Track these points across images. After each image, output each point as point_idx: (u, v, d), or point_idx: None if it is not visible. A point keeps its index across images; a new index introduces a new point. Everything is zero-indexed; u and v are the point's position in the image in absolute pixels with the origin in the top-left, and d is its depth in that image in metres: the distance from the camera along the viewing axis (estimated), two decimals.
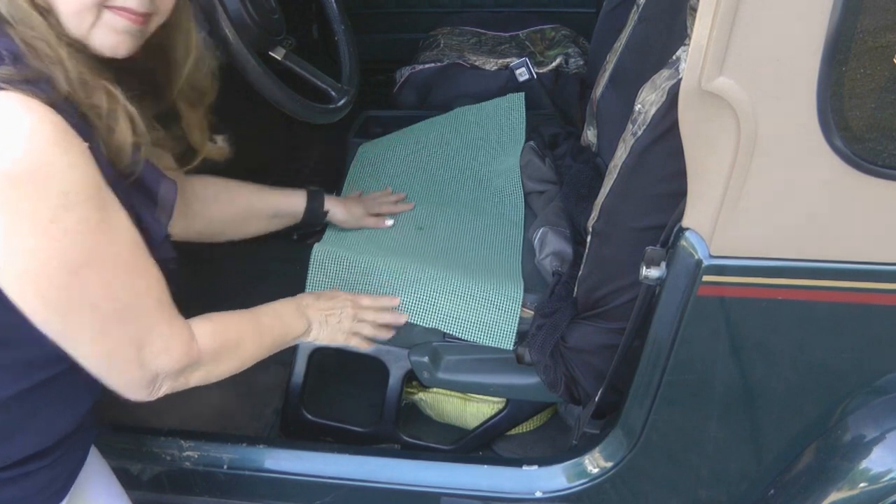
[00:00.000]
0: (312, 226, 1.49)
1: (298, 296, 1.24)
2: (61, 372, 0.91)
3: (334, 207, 1.51)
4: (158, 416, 1.52)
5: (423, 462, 1.35)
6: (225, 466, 1.34)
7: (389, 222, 1.58)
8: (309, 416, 1.50)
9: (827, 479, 1.12)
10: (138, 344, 0.88)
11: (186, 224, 1.27)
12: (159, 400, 1.09)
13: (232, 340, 1.04)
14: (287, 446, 1.38)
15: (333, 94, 1.54)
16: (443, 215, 1.63)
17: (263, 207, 1.42)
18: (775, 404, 1.13)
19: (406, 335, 1.40)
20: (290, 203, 1.45)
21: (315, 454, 1.35)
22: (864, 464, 1.11)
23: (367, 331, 1.29)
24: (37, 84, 0.76)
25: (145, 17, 0.86)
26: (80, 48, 0.82)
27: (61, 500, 0.99)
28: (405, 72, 2.25)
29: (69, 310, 0.81)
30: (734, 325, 1.06)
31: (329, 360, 1.51)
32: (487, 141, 1.85)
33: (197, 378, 1.00)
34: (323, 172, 2.13)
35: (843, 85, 0.87)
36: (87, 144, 0.78)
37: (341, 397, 1.61)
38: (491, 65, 2.17)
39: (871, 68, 0.86)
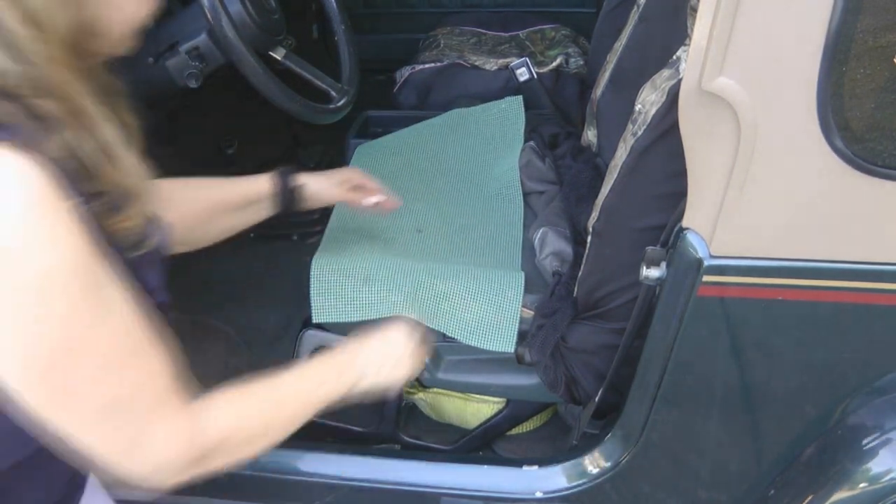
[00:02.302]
0: (290, 208, 1.31)
1: (344, 345, 1.04)
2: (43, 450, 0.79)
3: (307, 180, 1.32)
4: None
5: (423, 462, 1.35)
6: None
7: (372, 201, 1.40)
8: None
9: (827, 479, 1.12)
10: (131, 440, 0.75)
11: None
12: None
13: (246, 426, 0.88)
14: (287, 446, 1.37)
15: (333, 94, 1.54)
16: (442, 217, 1.63)
17: (228, 199, 1.24)
18: (775, 404, 1.13)
19: None
20: (255, 188, 1.26)
21: (315, 454, 1.35)
22: (864, 464, 1.11)
23: (427, 356, 1.14)
24: (10, 131, 0.62)
25: None
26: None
27: None
28: (405, 72, 2.25)
29: (49, 401, 0.69)
30: (734, 325, 1.06)
31: None
32: (486, 142, 1.85)
33: (216, 466, 0.86)
34: (322, 172, 2.13)
35: (843, 85, 0.87)
36: (72, 202, 0.65)
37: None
38: (491, 65, 2.17)
39: (871, 68, 0.86)
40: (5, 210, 0.61)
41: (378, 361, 1.03)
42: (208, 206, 1.21)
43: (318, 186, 1.34)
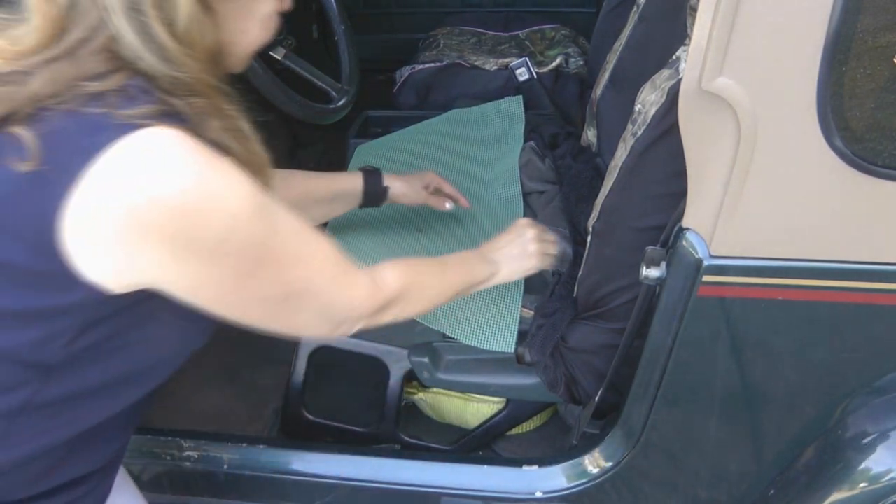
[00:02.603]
0: (373, 205, 1.46)
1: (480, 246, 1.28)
2: (125, 405, 0.92)
3: (393, 182, 1.48)
4: (159, 417, 1.52)
5: (423, 462, 1.35)
6: (225, 466, 1.34)
7: (449, 205, 1.52)
8: (309, 416, 1.50)
9: (827, 479, 1.12)
10: (319, 312, 0.92)
11: None
12: (159, 400, 1.09)
13: (418, 282, 1.06)
14: (287, 446, 1.38)
15: (333, 94, 1.54)
16: (442, 217, 1.63)
17: (322, 192, 1.40)
18: (775, 404, 1.13)
19: (406, 335, 1.40)
20: (348, 183, 1.44)
21: (315, 454, 1.35)
22: (864, 464, 1.11)
23: (552, 248, 1.31)
24: (174, 117, 0.76)
25: None
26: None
27: None
28: (405, 72, 2.25)
29: (244, 306, 0.84)
30: (734, 325, 1.06)
31: (329, 360, 1.51)
32: (486, 142, 1.85)
33: (389, 317, 1.02)
34: (322, 172, 2.13)
35: (843, 85, 0.87)
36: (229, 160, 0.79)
37: (341, 397, 1.61)
38: (491, 65, 2.17)
39: (871, 68, 0.86)
40: (193, 170, 0.74)
41: (508, 254, 1.25)
42: (303, 195, 1.35)
43: (403, 189, 1.49)
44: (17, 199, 0.74)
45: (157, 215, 0.72)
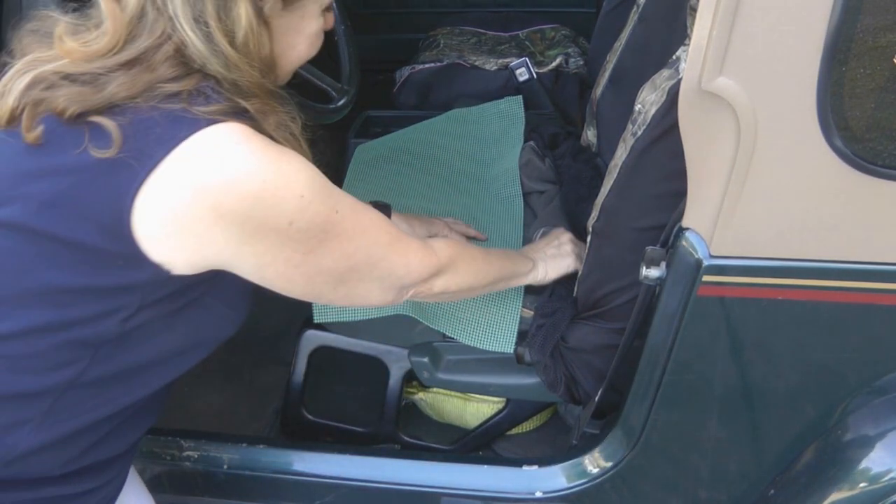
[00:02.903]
0: None
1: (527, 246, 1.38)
2: (145, 397, 0.97)
3: (399, 224, 1.46)
4: (159, 417, 1.52)
5: (423, 462, 1.35)
6: (225, 466, 1.34)
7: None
8: (309, 416, 1.50)
9: (827, 479, 1.12)
10: (380, 279, 0.99)
11: None
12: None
13: (466, 254, 1.13)
14: (287, 446, 1.38)
15: (333, 94, 1.54)
16: (442, 216, 1.63)
17: None
18: (775, 404, 1.13)
19: (406, 335, 1.40)
20: None
21: (315, 454, 1.35)
22: (864, 464, 1.10)
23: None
24: (243, 115, 0.84)
25: None
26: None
27: None
28: (405, 72, 2.25)
29: (309, 280, 0.92)
30: (734, 325, 1.06)
31: (329, 360, 1.51)
32: (486, 142, 1.85)
33: (440, 285, 1.08)
34: (323, 172, 2.13)
35: (843, 85, 0.87)
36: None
37: (341, 397, 1.61)
38: (491, 65, 2.17)
39: (871, 68, 0.86)
40: (266, 160, 0.82)
41: (546, 254, 1.34)
42: None
43: (405, 230, 1.45)
44: (94, 182, 0.80)
45: (232, 199, 0.80)
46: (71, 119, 0.81)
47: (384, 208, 1.43)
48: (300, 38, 0.94)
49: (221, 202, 0.80)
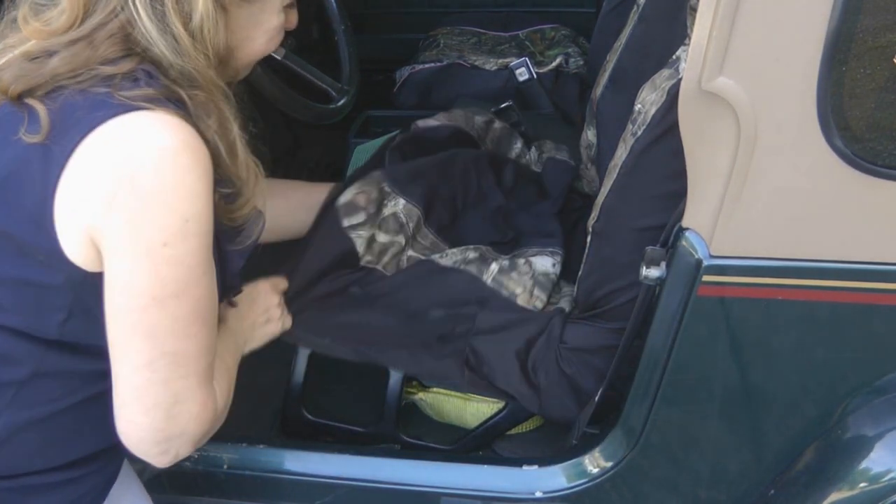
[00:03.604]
0: None
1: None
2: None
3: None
4: None
5: (423, 462, 1.35)
6: (225, 466, 1.34)
7: None
8: (309, 416, 1.50)
9: (827, 479, 1.12)
10: (175, 397, 0.86)
11: None
12: None
13: (228, 393, 1.03)
14: (287, 446, 1.38)
15: (333, 94, 1.54)
16: None
17: (317, 200, 1.39)
18: (775, 404, 1.13)
19: None
20: (321, 194, 1.41)
21: (315, 454, 1.35)
22: (864, 464, 1.10)
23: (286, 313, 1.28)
24: (174, 103, 0.80)
25: None
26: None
27: None
28: (405, 72, 2.25)
29: (135, 330, 0.82)
30: (734, 325, 1.06)
31: (329, 361, 1.51)
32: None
33: (204, 440, 0.96)
34: (323, 172, 2.13)
35: (843, 85, 0.87)
36: (213, 177, 0.82)
37: (341, 397, 1.61)
38: (491, 65, 2.17)
39: (871, 68, 0.86)
40: (175, 161, 0.77)
41: (255, 323, 1.20)
42: (301, 202, 1.37)
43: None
44: (26, 171, 0.79)
45: (126, 191, 0.76)
46: (14, 100, 0.81)
47: None
48: (258, 32, 0.91)
49: (116, 193, 0.77)
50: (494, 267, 1.35)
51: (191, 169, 0.78)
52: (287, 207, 1.34)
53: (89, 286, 0.82)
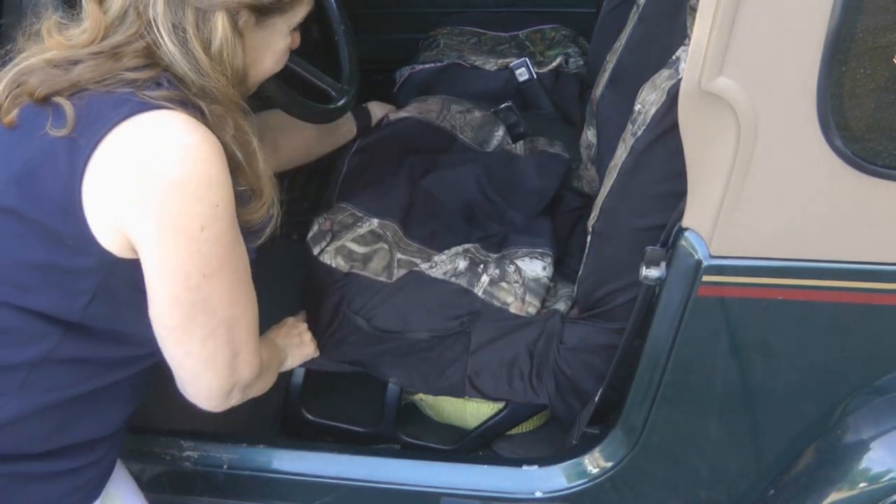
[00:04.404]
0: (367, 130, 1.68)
1: (268, 332, 1.34)
2: (128, 377, 1.00)
3: (374, 109, 1.72)
4: (159, 417, 1.52)
5: (423, 462, 1.35)
6: (225, 466, 1.34)
7: None
8: (309, 416, 1.50)
9: (827, 479, 1.12)
10: (236, 351, 0.96)
11: (276, 157, 1.33)
12: (159, 400, 1.09)
13: (266, 361, 1.12)
14: (287, 446, 1.38)
15: (333, 94, 1.54)
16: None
17: (327, 126, 1.52)
18: (775, 404, 1.13)
19: None
20: (345, 128, 1.63)
21: (315, 454, 1.35)
22: (864, 464, 1.11)
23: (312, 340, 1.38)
24: (193, 108, 0.86)
25: None
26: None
27: (94, 500, 1.05)
28: (405, 72, 2.25)
29: (193, 309, 0.89)
30: (734, 325, 1.06)
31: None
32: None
33: (254, 390, 1.07)
34: (323, 172, 2.13)
35: (843, 85, 0.87)
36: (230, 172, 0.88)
37: (341, 397, 1.61)
38: (491, 65, 2.17)
39: (871, 68, 0.86)
40: (199, 154, 0.83)
41: (291, 343, 1.32)
42: (315, 129, 1.51)
43: (379, 112, 1.72)
44: (53, 161, 0.84)
45: (154, 183, 0.82)
46: (39, 100, 0.86)
47: (363, 111, 1.64)
48: (268, 54, 0.98)
49: (144, 185, 0.82)
50: (485, 279, 1.36)
51: (212, 161, 0.85)
52: (318, 130, 1.52)
53: (118, 270, 0.88)
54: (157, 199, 0.83)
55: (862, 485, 1.10)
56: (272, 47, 0.98)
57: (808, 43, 0.84)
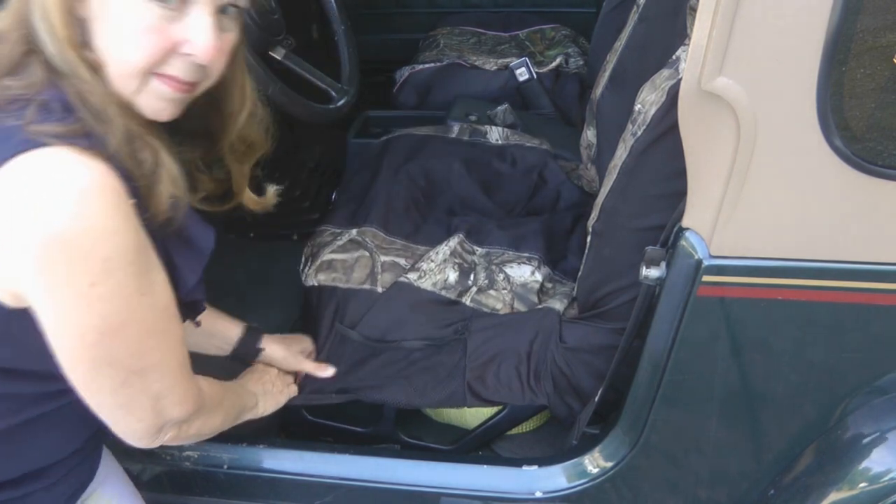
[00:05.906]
0: (243, 360, 1.36)
1: (240, 377, 1.32)
2: (66, 404, 0.92)
3: (271, 345, 1.36)
4: None
5: (423, 462, 1.34)
6: (225, 466, 1.34)
7: (330, 371, 1.38)
8: (309, 416, 1.50)
9: (827, 479, 1.12)
10: (156, 396, 0.89)
11: None
12: None
13: (217, 396, 1.09)
14: (287, 446, 1.38)
15: (333, 94, 1.54)
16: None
17: (204, 324, 1.24)
18: (775, 404, 1.13)
19: None
20: (226, 329, 1.34)
21: (315, 454, 1.35)
22: (864, 464, 1.10)
23: (289, 384, 1.37)
24: (87, 138, 0.77)
25: (193, 85, 0.85)
26: (127, 104, 0.83)
27: None
28: (405, 72, 2.25)
29: (96, 365, 0.82)
30: (734, 325, 1.05)
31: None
32: None
33: (195, 428, 1.02)
34: (323, 172, 2.13)
35: (843, 85, 0.87)
36: (132, 201, 0.78)
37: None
38: (491, 65, 2.17)
39: (871, 68, 0.86)
40: (83, 203, 0.73)
41: (264, 389, 1.30)
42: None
43: (277, 355, 1.36)
44: None
45: (38, 238, 0.73)
46: None
47: (255, 332, 1.35)
48: (121, 34, 0.79)
49: (23, 239, 0.74)
50: (473, 290, 1.37)
51: (102, 210, 0.75)
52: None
53: (16, 318, 0.81)
54: (37, 254, 0.74)
55: (862, 485, 1.10)
56: (125, 25, 0.79)
57: (808, 43, 0.84)
